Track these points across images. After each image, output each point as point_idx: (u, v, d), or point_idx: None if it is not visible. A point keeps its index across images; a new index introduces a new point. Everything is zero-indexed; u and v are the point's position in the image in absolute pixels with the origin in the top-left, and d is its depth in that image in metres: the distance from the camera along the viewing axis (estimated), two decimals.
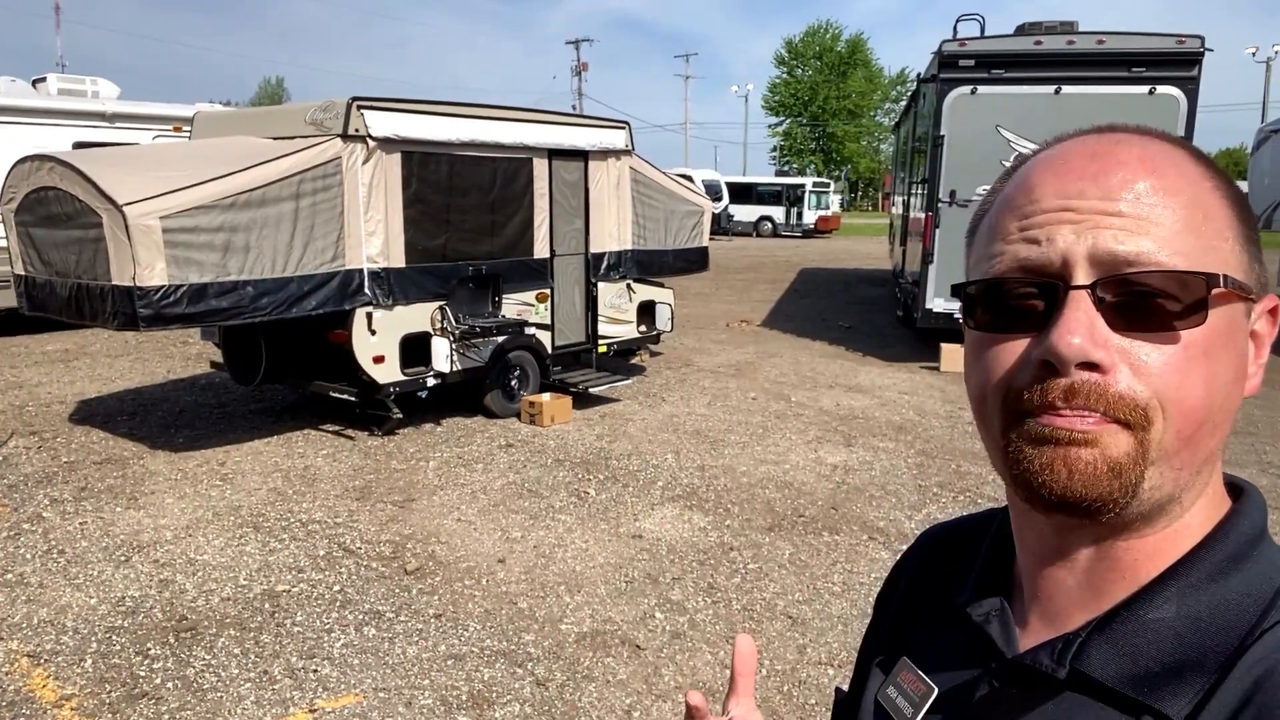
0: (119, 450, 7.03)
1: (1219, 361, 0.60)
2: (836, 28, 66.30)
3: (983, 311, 0.66)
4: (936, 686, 0.74)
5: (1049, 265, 0.61)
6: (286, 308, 6.51)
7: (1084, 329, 0.59)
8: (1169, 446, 0.60)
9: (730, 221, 36.24)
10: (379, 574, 4.88)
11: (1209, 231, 0.61)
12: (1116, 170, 0.61)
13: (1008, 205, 0.66)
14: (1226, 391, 0.61)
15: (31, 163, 6.36)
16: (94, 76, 13.78)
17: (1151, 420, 0.59)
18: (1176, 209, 0.60)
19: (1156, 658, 0.61)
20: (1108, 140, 0.64)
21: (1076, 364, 0.59)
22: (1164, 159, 0.63)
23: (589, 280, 8.91)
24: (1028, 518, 0.69)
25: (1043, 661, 0.65)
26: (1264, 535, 0.65)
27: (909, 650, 0.80)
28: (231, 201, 6.18)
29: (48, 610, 4.39)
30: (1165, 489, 0.61)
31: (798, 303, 16.70)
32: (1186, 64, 10.11)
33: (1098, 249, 0.60)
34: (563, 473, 6.59)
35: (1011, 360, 0.63)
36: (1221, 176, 0.64)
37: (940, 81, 10.36)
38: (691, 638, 4.22)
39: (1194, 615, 0.61)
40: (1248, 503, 0.67)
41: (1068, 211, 0.61)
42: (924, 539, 0.92)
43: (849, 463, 6.92)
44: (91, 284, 6.05)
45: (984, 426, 0.67)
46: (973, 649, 0.72)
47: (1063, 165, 0.64)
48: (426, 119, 7.25)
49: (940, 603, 0.80)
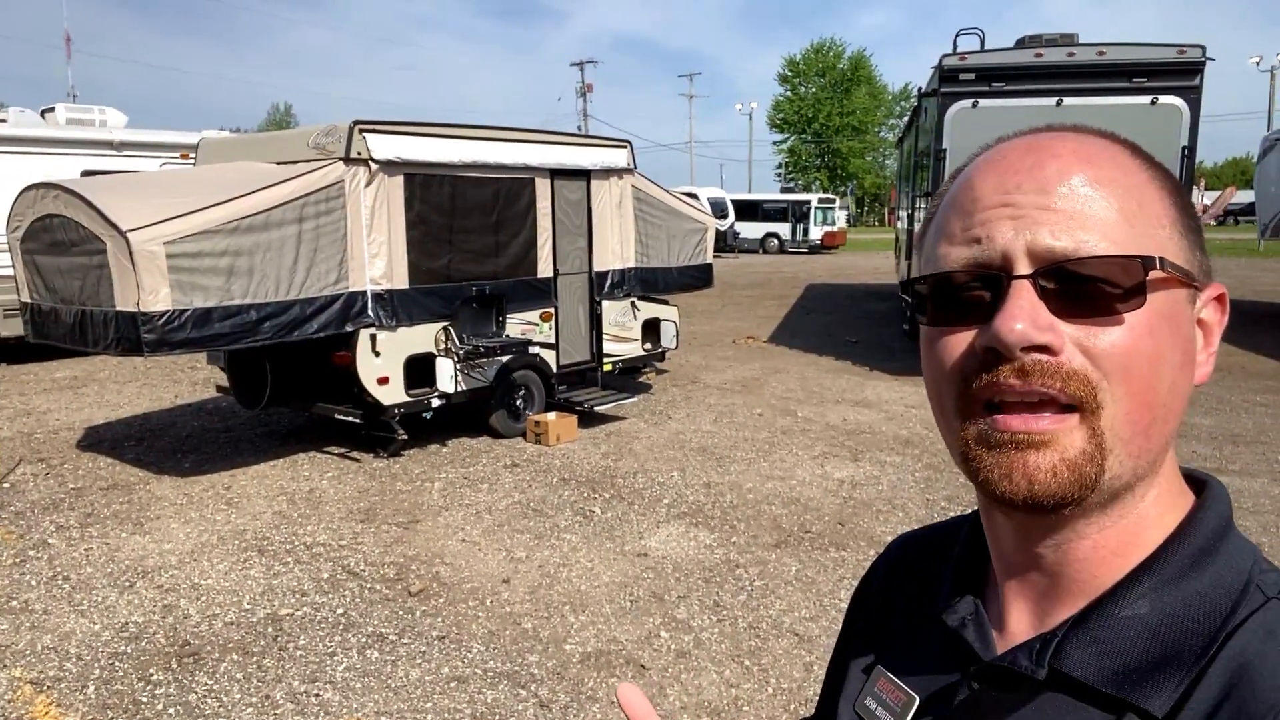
0: (125, 476, 7.04)
1: (1163, 343, 0.61)
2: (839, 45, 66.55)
3: (933, 307, 0.67)
4: (917, 695, 0.74)
5: (991, 262, 0.63)
6: (290, 331, 6.53)
7: (1026, 315, 0.60)
8: (1122, 432, 0.60)
9: (736, 239, 36.30)
10: (383, 596, 4.85)
11: (1144, 220, 0.62)
12: (1051, 162, 0.63)
13: (952, 205, 0.68)
14: (1174, 376, 0.62)
15: (36, 190, 6.41)
16: (102, 106, 13.94)
17: (1102, 403, 0.60)
18: (1110, 199, 0.62)
19: (1135, 654, 0.61)
20: (1044, 136, 0.66)
21: (1022, 348, 0.60)
22: (1098, 151, 0.64)
23: (593, 299, 8.91)
24: (996, 519, 0.70)
25: (1021, 663, 0.65)
26: (1230, 527, 0.66)
27: (884, 659, 0.80)
28: (235, 226, 6.21)
29: (51, 637, 4.38)
30: (1123, 477, 0.62)
31: (804, 318, 16.68)
32: (1188, 73, 10.10)
33: (1035, 245, 0.61)
34: (568, 492, 6.57)
35: (961, 350, 0.64)
36: (1158, 168, 0.66)
37: (941, 95, 10.37)
38: (697, 657, 4.18)
39: (1169, 610, 0.62)
40: (1211, 496, 0.67)
41: (1006, 207, 0.63)
42: (895, 546, 0.91)
43: (856, 477, 6.87)
44: (95, 310, 6.08)
45: (943, 421, 0.68)
46: (949, 654, 0.72)
47: (1000, 162, 0.65)
48: (428, 141, 7.29)
49: (914, 610, 0.80)
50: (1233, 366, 11.10)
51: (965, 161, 0.71)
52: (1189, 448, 7.51)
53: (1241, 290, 20.24)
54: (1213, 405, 9.05)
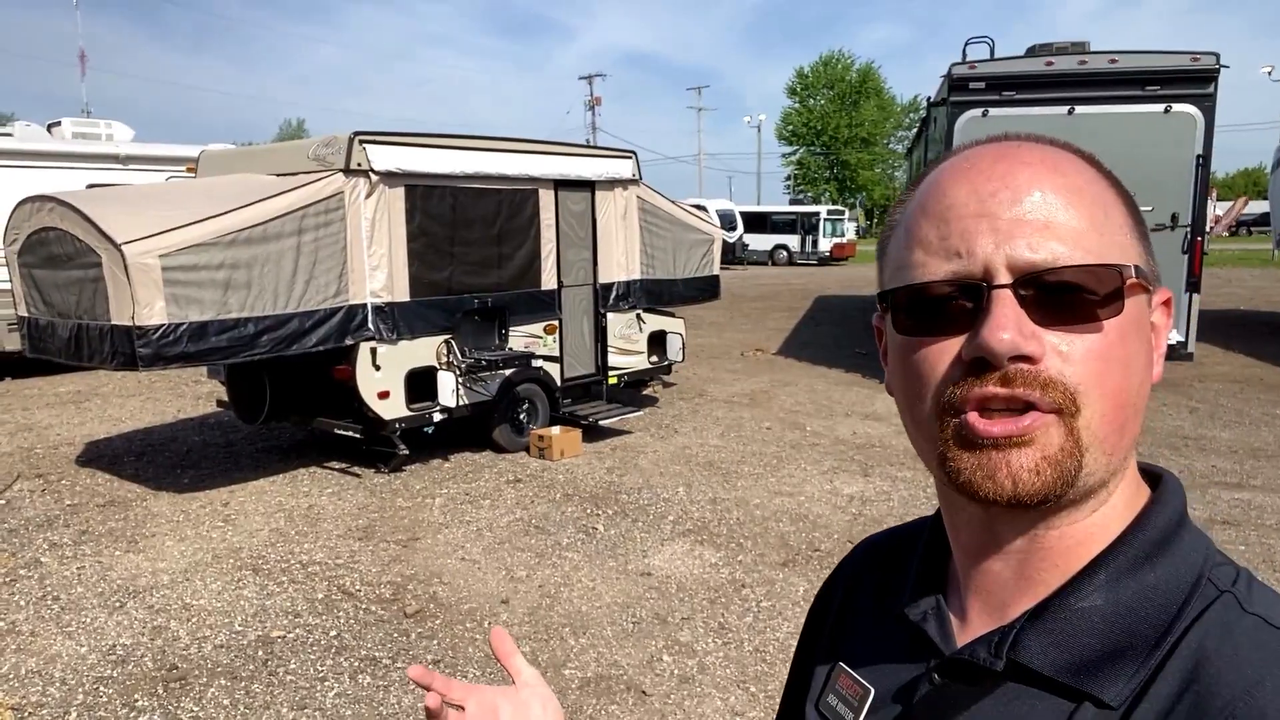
0: (123, 492, 6.93)
1: (1133, 348, 0.64)
2: (848, 58, 66.49)
3: (907, 316, 0.67)
4: (873, 688, 0.75)
5: (971, 275, 0.63)
6: (289, 344, 6.42)
7: (1012, 324, 0.61)
8: (1099, 432, 0.62)
9: (745, 251, 36.14)
10: (378, 618, 4.71)
11: (1111, 228, 0.65)
12: (1022, 170, 0.64)
13: (922, 212, 0.67)
14: (1141, 377, 0.65)
15: (33, 203, 6.33)
16: (108, 120, 13.94)
17: (1080, 406, 0.61)
18: (1081, 209, 0.63)
19: (1090, 645, 0.63)
20: (1010, 145, 0.67)
21: (1010, 357, 0.61)
22: (1063, 160, 0.66)
23: (598, 311, 8.79)
24: (960, 513, 0.70)
25: (980, 655, 0.66)
26: (1184, 520, 0.67)
27: (845, 655, 0.81)
28: (232, 238, 6.12)
29: (36, 660, 4.26)
30: (1098, 475, 0.63)
31: (813, 330, 16.52)
32: (1202, 81, 9.97)
33: (1015, 258, 0.62)
34: (571, 508, 6.43)
35: (945, 359, 0.64)
36: (1111, 176, 0.69)
37: (951, 105, 10.24)
38: (701, 682, 4.03)
39: (1123, 602, 0.63)
40: (1167, 490, 0.69)
41: (984, 218, 0.63)
42: (859, 549, 0.93)
43: (866, 493, 6.71)
44: (91, 324, 5.99)
45: (917, 430, 0.68)
46: (912, 649, 0.73)
47: (971, 169, 0.66)
48: (429, 152, 7.20)
49: (877, 608, 0.82)
50: (1251, 379, 10.90)
51: (928, 169, 0.71)
52: (1208, 462, 7.33)
53: (1256, 301, 19.98)
54: (1232, 419, 8.86)
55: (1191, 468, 7.20)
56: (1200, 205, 10.24)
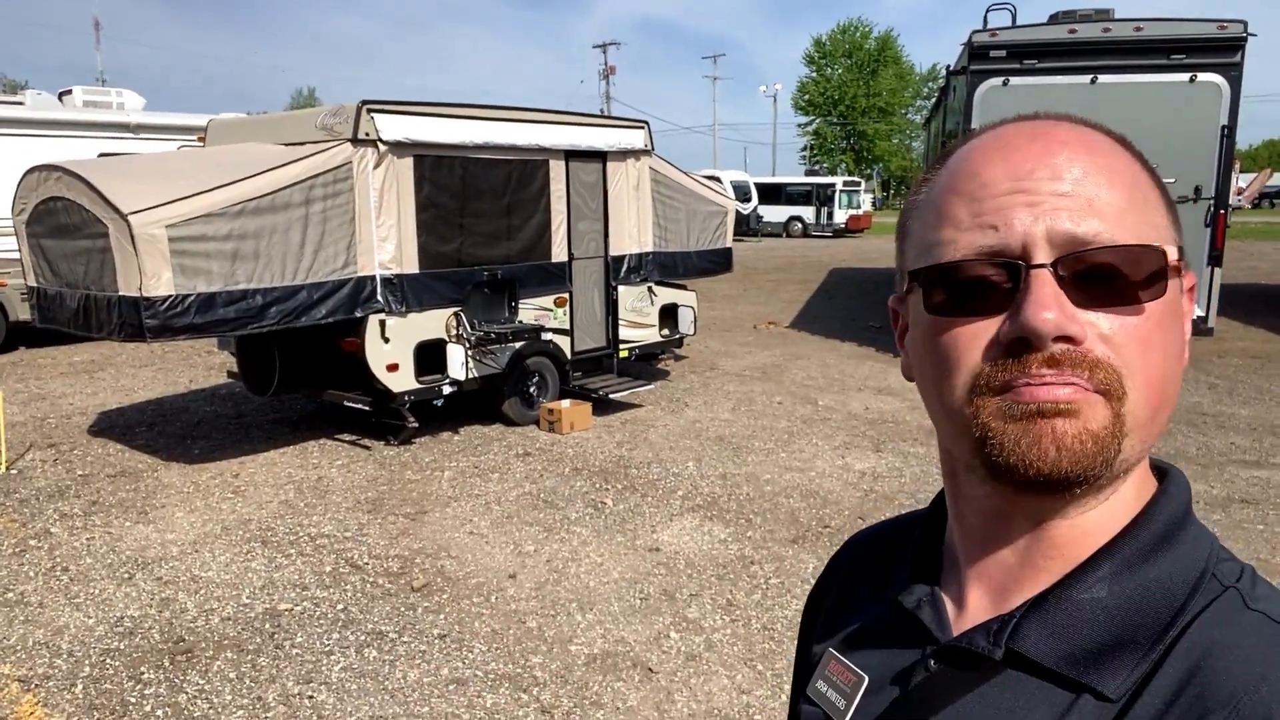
0: (134, 463, 6.95)
1: (1171, 333, 0.63)
2: (866, 26, 65.49)
3: (939, 296, 0.65)
4: (867, 675, 0.74)
5: (1008, 249, 0.61)
6: (297, 316, 6.38)
7: (1054, 304, 0.59)
8: (1140, 417, 0.61)
9: (760, 222, 35.82)
10: (385, 591, 4.70)
11: (1149, 209, 0.63)
12: (1060, 149, 0.62)
13: (954, 191, 0.65)
14: (1175, 364, 0.64)
15: (40, 173, 6.29)
16: (119, 89, 13.87)
17: (1126, 390, 0.60)
18: (1120, 188, 0.62)
19: (1091, 637, 0.62)
20: (1044, 124, 0.65)
21: (1054, 337, 0.59)
22: (1098, 140, 0.65)
23: (609, 283, 8.71)
24: (970, 503, 0.69)
25: (979, 643, 0.66)
26: (1189, 514, 0.67)
27: (839, 643, 0.80)
28: (240, 208, 6.06)
29: (44, 631, 4.27)
30: (1131, 461, 0.62)
31: (827, 303, 16.39)
32: (1229, 50, 9.73)
33: (1055, 230, 0.60)
34: (580, 482, 6.40)
35: (980, 340, 0.63)
36: (1143, 158, 0.67)
37: (971, 73, 10.04)
38: (708, 660, 4.00)
39: (1126, 594, 0.62)
40: (1173, 483, 0.68)
41: (1020, 194, 0.62)
42: (852, 541, 0.92)
43: (878, 469, 6.65)
44: (99, 295, 5.96)
45: (944, 411, 0.66)
46: (907, 636, 0.72)
47: (1005, 148, 0.64)
48: (438, 121, 7.10)
49: (871, 597, 0.81)
50: (1272, 354, 10.73)
51: (952, 147, 0.69)
52: (1226, 439, 7.22)
53: (1278, 276, 19.67)
54: (1251, 395, 8.73)
55: (1210, 445, 7.09)
56: (1224, 177, 10.03)
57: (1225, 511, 5.66)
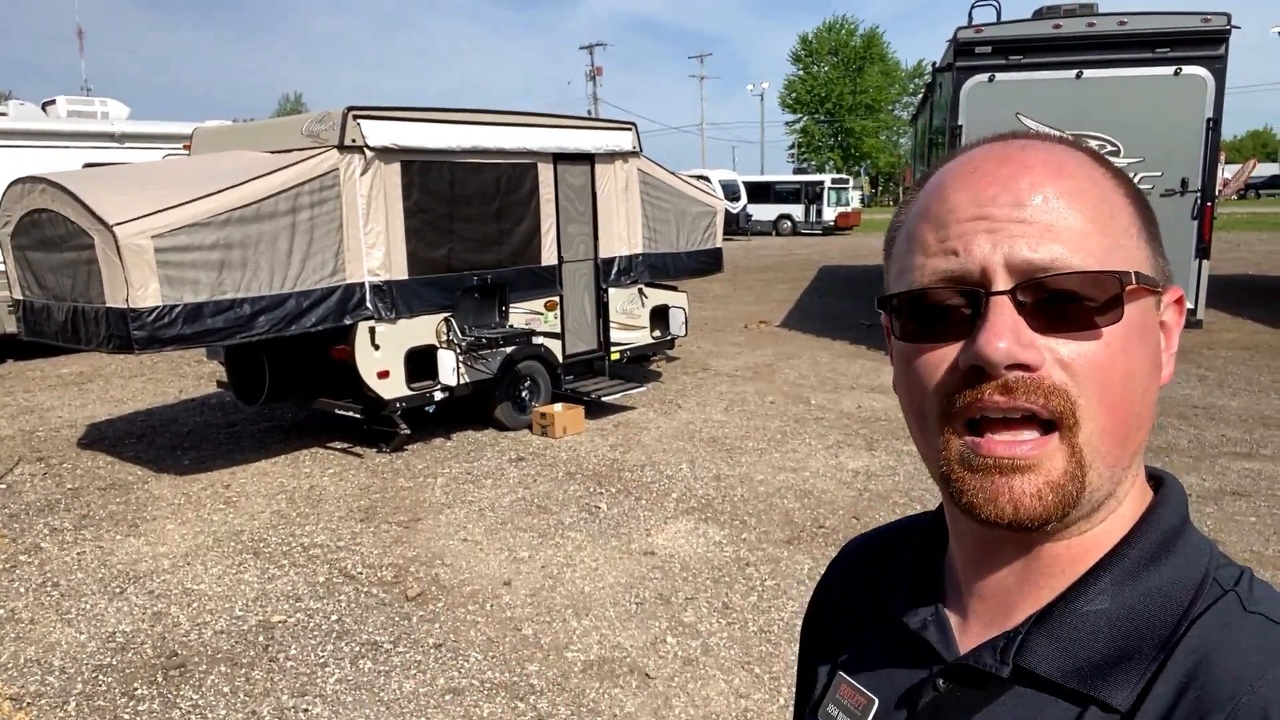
0: (124, 475, 6.90)
1: (1136, 355, 0.63)
2: (852, 23, 65.57)
3: (908, 322, 0.66)
4: (877, 698, 0.74)
5: (969, 275, 0.62)
6: (286, 325, 6.35)
7: (1009, 332, 0.60)
8: (1100, 446, 0.61)
9: (749, 221, 35.86)
10: (379, 601, 4.68)
11: (1115, 229, 0.63)
12: (1024, 175, 0.63)
13: (924, 216, 0.67)
14: (1145, 384, 0.64)
15: (24, 184, 6.24)
16: (104, 98, 13.79)
17: (1080, 419, 0.60)
18: (1083, 210, 0.62)
19: (1096, 649, 0.62)
20: (1014, 146, 0.66)
21: (1006, 365, 0.60)
22: (1067, 161, 0.65)
23: (599, 286, 8.69)
24: (963, 523, 0.69)
25: (986, 661, 0.66)
26: (1186, 523, 0.67)
27: (844, 664, 0.80)
28: (226, 218, 6.02)
29: (35, 648, 4.23)
30: (1104, 489, 0.63)
31: (817, 301, 16.40)
32: (1213, 43, 9.77)
33: (1013, 257, 0.61)
34: (574, 486, 6.38)
35: (943, 367, 0.64)
36: (1121, 175, 0.67)
37: (956, 70, 10.06)
38: (704, 665, 3.99)
39: (1129, 605, 0.63)
40: (1169, 492, 0.69)
41: (982, 220, 0.62)
42: (848, 551, 0.92)
43: (871, 468, 6.65)
44: (86, 307, 5.92)
45: (922, 439, 0.67)
46: (913, 656, 0.72)
47: (973, 173, 0.65)
48: (425, 126, 7.07)
49: (873, 613, 0.80)
50: (1260, 345, 10.78)
51: (932, 169, 0.70)
52: (1218, 431, 7.25)
53: (1266, 266, 19.77)
54: (1241, 386, 8.76)
55: (1201, 437, 7.11)
56: (1210, 169, 10.07)
57: (1218, 504, 5.67)
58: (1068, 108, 9.72)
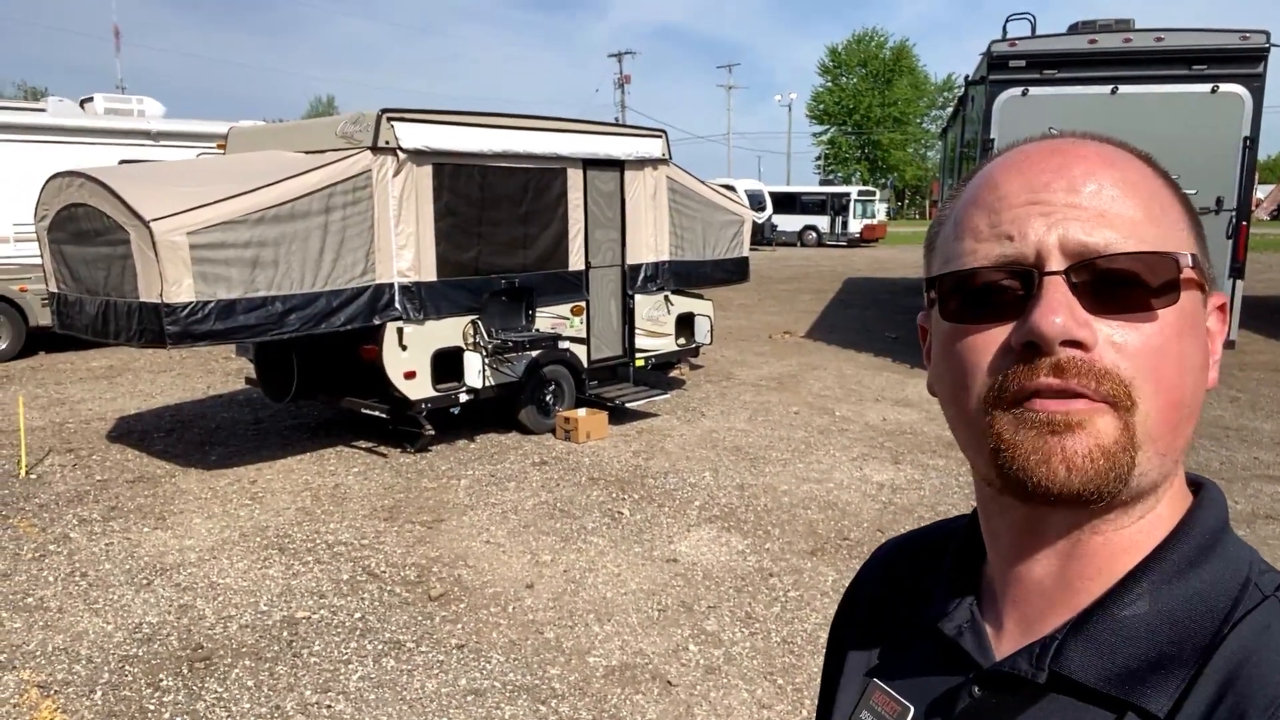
0: (152, 468, 6.97)
1: (1189, 345, 0.62)
2: (881, 35, 65.47)
3: (955, 303, 0.66)
4: (912, 706, 0.73)
5: (1023, 258, 0.62)
6: (316, 324, 6.40)
7: (1064, 309, 0.60)
8: (1153, 430, 0.60)
9: (774, 231, 35.77)
10: (402, 600, 4.69)
11: (1167, 222, 0.64)
12: (1077, 164, 0.63)
13: (975, 204, 0.67)
14: (1196, 377, 0.63)
15: (62, 179, 6.33)
16: (140, 96, 13.97)
17: (1135, 400, 0.60)
18: (1136, 201, 0.62)
19: (1134, 655, 0.61)
20: (1065, 141, 0.66)
21: (1060, 342, 0.59)
22: (1119, 156, 0.65)
23: (625, 292, 8.70)
24: (1002, 517, 0.69)
25: (1021, 667, 0.65)
26: (1226, 527, 0.66)
27: (878, 671, 0.79)
28: (260, 216, 6.08)
29: (63, 637, 4.28)
30: (1151, 475, 0.62)
31: (842, 313, 16.33)
32: (1251, 60, 9.64)
33: (1068, 239, 0.61)
34: (597, 492, 6.37)
35: (994, 348, 0.63)
36: (1167, 176, 0.67)
37: (990, 83, 9.99)
38: (727, 673, 3.96)
39: (1168, 610, 0.62)
40: (1208, 496, 0.68)
41: (1036, 205, 0.63)
42: (880, 554, 0.90)
43: (896, 481, 6.60)
44: (119, 301, 5.99)
45: (963, 423, 0.66)
46: (947, 662, 0.71)
47: (1024, 162, 0.65)
48: (458, 130, 7.11)
49: (908, 618, 0.79)
50: None
51: (978, 166, 0.70)
52: (1250, 453, 7.14)
53: None
54: (1274, 409, 8.63)
55: (1233, 459, 7.01)
56: (1246, 189, 9.94)
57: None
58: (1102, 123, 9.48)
